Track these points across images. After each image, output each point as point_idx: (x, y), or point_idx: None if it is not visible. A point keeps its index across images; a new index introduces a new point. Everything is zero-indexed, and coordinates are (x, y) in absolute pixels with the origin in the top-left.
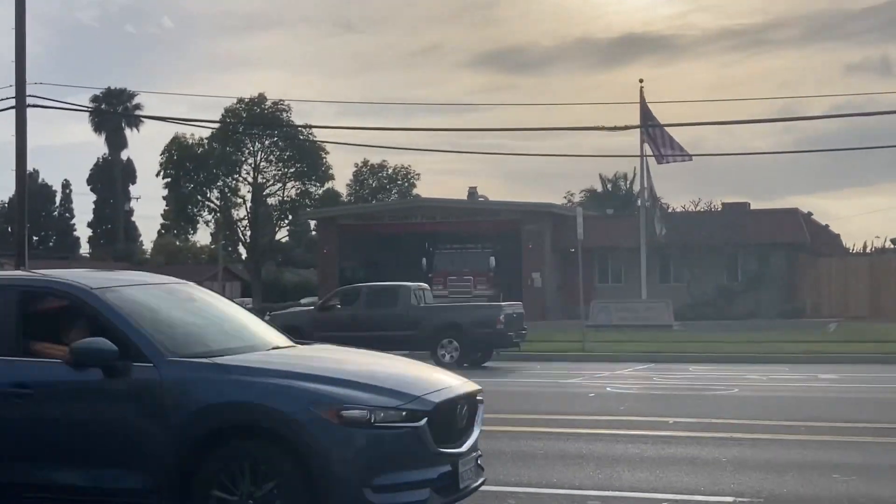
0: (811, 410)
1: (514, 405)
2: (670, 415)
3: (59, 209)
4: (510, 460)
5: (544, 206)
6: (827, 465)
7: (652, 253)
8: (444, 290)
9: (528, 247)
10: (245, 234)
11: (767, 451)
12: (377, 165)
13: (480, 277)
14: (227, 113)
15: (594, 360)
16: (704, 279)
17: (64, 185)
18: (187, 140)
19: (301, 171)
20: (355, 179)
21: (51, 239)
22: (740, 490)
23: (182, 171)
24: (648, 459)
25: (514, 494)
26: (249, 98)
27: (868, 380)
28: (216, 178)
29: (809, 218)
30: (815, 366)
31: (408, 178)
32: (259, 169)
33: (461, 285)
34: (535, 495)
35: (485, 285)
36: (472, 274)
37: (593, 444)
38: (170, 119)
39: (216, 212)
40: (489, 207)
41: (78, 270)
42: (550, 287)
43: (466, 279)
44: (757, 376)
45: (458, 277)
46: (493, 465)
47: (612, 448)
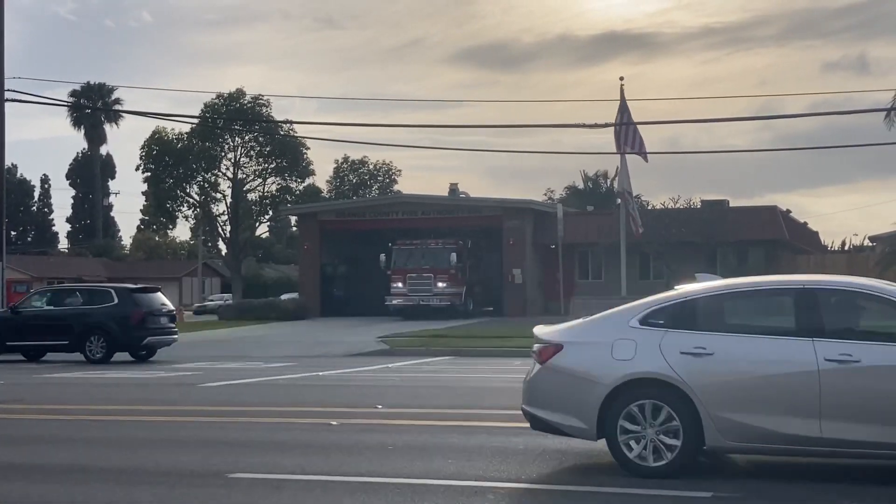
0: None
1: (493, 401)
2: None
3: (38, 204)
4: (490, 455)
5: (525, 202)
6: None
7: (632, 249)
8: (404, 288)
9: (510, 243)
10: (225, 229)
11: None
12: (358, 161)
13: (441, 274)
14: (207, 108)
15: None
16: (684, 276)
17: (43, 179)
18: (167, 135)
19: (281, 166)
20: (336, 175)
21: (29, 234)
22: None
23: (161, 166)
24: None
25: (493, 489)
26: (229, 93)
27: None
28: (196, 173)
29: (788, 215)
30: None
31: (389, 174)
32: (239, 164)
33: (421, 283)
34: (514, 490)
35: (446, 282)
36: (433, 271)
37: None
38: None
39: (196, 207)
40: (470, 204)
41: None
42: (531, 283)
43: (427, 276)
44: None
45: (417, 275)
46: (475, 460)
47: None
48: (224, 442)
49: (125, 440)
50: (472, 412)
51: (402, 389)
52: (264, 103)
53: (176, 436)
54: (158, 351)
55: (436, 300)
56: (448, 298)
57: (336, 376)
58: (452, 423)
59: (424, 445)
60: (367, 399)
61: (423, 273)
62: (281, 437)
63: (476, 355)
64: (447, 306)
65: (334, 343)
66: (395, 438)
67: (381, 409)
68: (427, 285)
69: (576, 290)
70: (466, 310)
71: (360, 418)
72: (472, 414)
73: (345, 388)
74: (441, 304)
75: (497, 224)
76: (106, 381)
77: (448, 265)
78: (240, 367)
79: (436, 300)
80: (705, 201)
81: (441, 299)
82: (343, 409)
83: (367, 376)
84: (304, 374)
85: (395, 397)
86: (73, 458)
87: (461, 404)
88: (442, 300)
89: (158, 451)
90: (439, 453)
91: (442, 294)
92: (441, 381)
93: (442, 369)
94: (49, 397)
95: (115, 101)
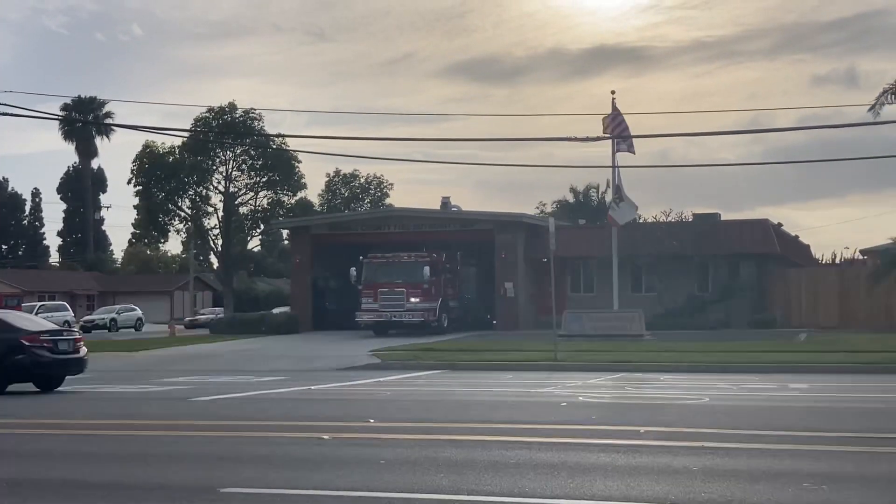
0: (781, 419)
1: (486, 415)
2: (642, 424)
3: (29, 218)
4: (483, 469)
5: (517, 216)
6: (797, 473)
7: (623, 263)
8: (375, 304)
9: (502, 256)
10: (217, 243)
11: (738, 459)
12: (349, 175)
13: (414, 290)
14: (197, 122)
15: (566, 370)
16: (675, 289)
17: (34, 193)
18: (158, 149)
19: (273, 180)
20: (328, 189)
21: (20, 248)
22: (711, 498)
23: (153, 179)
24: (620, 468)
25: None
26: (220, 107)
27: (838, 389)
28: (187, 186)
29: (779, 229)
30: (786, 375)
31: (380, 187)
32: (231, 178)
33: (393, 298)
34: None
35: (419, 297)
36: (406, 286)
37: (565, 453)
38: (141, 128)
39: (187, 221)
40: (462, 217)
41: None
42: (523, 297)
43: (399, 291)
44: (727, 385)
45: (389, 290)
46: (466, 474)
47: (584, 457)
48: (216, 456)
49: (117, 455)
50: (465, 426)
51: (395, 403)
52: (256, 117)
53: (167, 450)
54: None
55: (408, 316)
56: (420, 314)
57: (328, 390)
58: (445, 436)
59: (417, 459)
60: (359, 413)
61: (394, 288)
62: (273, 451)
63: (468, 369)
64: (420, 322)
65: (326, 357)
66: (387, 452)
67: (374, 423)
68: (399, 301)
69: (568, 303)
70: (441, 326)
71: (352, 432)
72: (465, 428)
73: (336, 402)
74: (413, 320)
75: (489, 238)
76: (99, 395)
77: (421, 280)
78: (231, 381)
79: (408, 316)
80: (697, 215)
81: (413, 315)
82: (335, 423)
83: (358, 390)
84: (296, 388)
85: (388, 411)
86: (65, 472)
87: (454, 418)
88: (414, 316)
89: (150, 466)
90: (432, 467)
91: (414, 310)
92: (433, 395)
93: (434, 383)
94: (43, 412)
95: (107, 114)
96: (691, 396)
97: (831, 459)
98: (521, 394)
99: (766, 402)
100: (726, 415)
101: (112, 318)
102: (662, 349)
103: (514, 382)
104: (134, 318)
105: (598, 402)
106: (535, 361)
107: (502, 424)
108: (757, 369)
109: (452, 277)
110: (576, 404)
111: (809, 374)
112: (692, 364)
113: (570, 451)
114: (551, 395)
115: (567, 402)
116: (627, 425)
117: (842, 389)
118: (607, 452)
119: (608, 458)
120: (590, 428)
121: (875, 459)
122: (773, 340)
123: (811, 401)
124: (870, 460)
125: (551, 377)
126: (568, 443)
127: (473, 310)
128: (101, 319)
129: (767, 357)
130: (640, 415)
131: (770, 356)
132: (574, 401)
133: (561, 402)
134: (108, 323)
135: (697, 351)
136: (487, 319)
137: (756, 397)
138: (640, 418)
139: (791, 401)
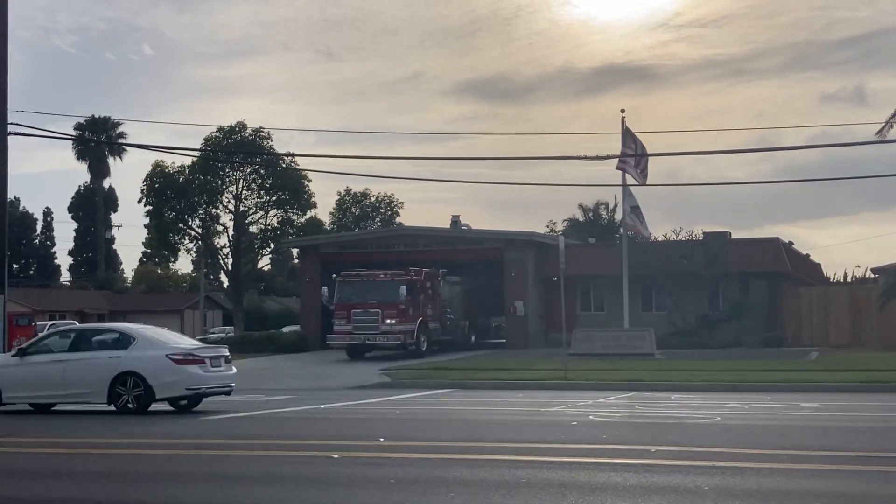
0: (793, 439)
1: (497, 433)
2: (652, 443)
3: (40, 237)
4: (492, 489)
5: (527, 234)
6: (809, 493)
7: (634, 281)
8: (348, 325)
9: (511, 275)
10: (227, 262)
11: (749, 479)
12: (360, 194)
13: (390, 310)
14: (207, 142)
15: (577, 389)
16: (686, 308)
17: (45, 212)
18: (169, 168)
19: (283, 199)
20: (338, 208)
21: (31, 267)
22: None
23: (163, 199)
24: (631, 488)
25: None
26: (229, 126)
27: (849, 408)
28: (198, 206)
29: (790, 247)
30: (797, 394)
31: (391, 206)
32: (241, 197)
33: (367, 319)
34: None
35: (395, 318)
36: (381, 306)
37: (576, 472)
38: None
39: (198, 240)
40: (472, 236)
41: None
42: (533, 315)
43: (374, 312)
44: (739, 405)
45: (363, 310)
46: (476, 493)
47: (594, 476)
48: (225, 476)
49: (125, 474)
50: (475, 445)
51: (404, 422)
52: (266, 136)
53: (176, 469)
54: None
55: (382, 339)
56: (397, 336)
57: (338, 409)
58: (455, 455)
59: (427, 479)
60: (369, 432)
61: (369, 308)
62: (282, 470)
63: (479, 388)
64: (397, 345)
65: (336, 375)
66: (397, 472)
67: (383, 441)
68: (373, 322)
69: (578, 322)
70: (419, 349)
71: (361, 451)
72: (475, 447)
73: (346, 421)
74: (389, 342)
75: (498, 256)
76: (103, 414)
77: (397, 300)
78: (241, 400)
79: (382, 339)
80: (707, 233)
81: (388, 338)
82: (345, 441)
83: (368, 409)
84: (306, 407)
85: (398, 430)
86: (73, 492)
87: (464, 437)
88: (389, 339)
89: (158, 485)
90: (442, 486)
91: (390, 332)
92: (443, 414)
93: (444, 402)
94: (48, 430)
95: (120, 134)
96: (702, 415)
97: (843, 479)
98: (531, 412)
99: (777, 421)
100: (738, 434)
101: None
102: (673, 368)
103: (525, 401)
104: None
105: (608, 421)
106: (546, 380)
107: (512, 443)
108: (768, 388)
109: (432, 297)
110: (586, 423)
111: (821, 394)
112: (703, 383)
113: (580, 471)
114: (562, 414)
115: (577, 420)
116: (638, 444)
117: (854, 409)
118: (618, 472)
119: (619, 478)
120: (600, 447)
121: (888, 479)
122: (783, 359)
123: (823, 420)
124: (883, 480)
125: (562, 396)
126: (578, 462)
127: (459, 330)
128: None
129: (778, 376)
130: (650, 434)
131: (781, 375)
132: (585, 420)
133: (571, 421)
134: None
135: (708, 370)
136: (473, 341)
137: (767, 416)
138: (651, 437)
139: (803, 420)
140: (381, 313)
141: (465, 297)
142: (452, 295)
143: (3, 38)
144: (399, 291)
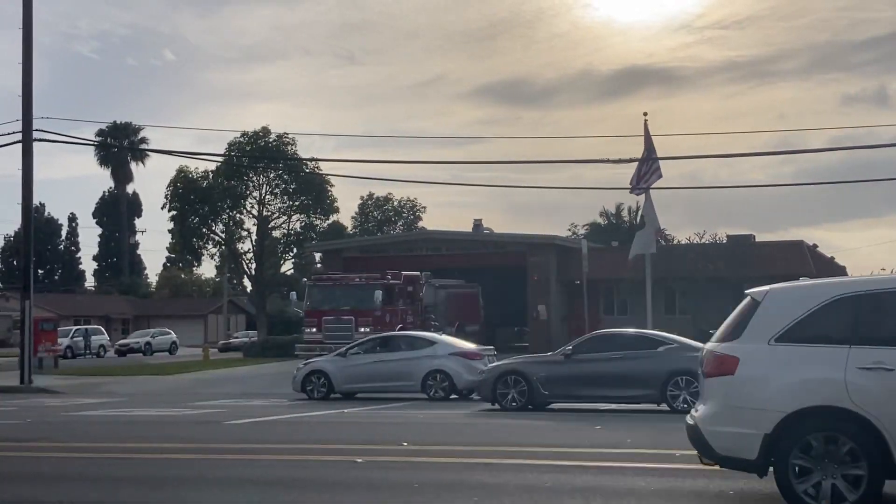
0: None
1: (520, 438)
2: (677, 447)
3: (65, 242)
4: (516, 493)
5: (549, 238)
6: None
7: (657, 285)
8: (319, 334)
9: (534, 279)
10: (250, 266)
11: (773, 483)
12: (382, 198)
13: (364, 317)
14: (231, 146)
15: None
16: (710, 311)
17: (70, 218)
18: (192, 173)
19: (306, 203)
20: (361, 212)
21: (56, 272)
22: None
23: (187, 204)
24: (656, 492)
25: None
26: (253, 131)
27: None
28: (221, 211)
29: (815, 250)
30: None
31: (413, 210)
32: (264, 202)
33: (339, 327)
34: None
35: (370, 326)
36: (354, 313)
37: (600, 476)
38: (175, 153)
39: (221, 245)
40: (494, 240)
41: None
42: (556, 319)
43: (346, 319)
44: None
45: (335, 317)
46: (501, 498)
47: (619, 481)
48: (250, 480)
49: (153, 478)
50: (497, 449)
51: (427, 426)
52: (289, 141)
53: (202, 474)
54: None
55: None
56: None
57: (361, 413)
58: (478, 459)
59: (451, 483)
60: (392, 436)
61: (341, 315)
62: (306, 474)
63: None
64: None
65: None
66: (420, 476)
67: (407, 445)
68: (346, 330)
69: (601, 326)
70: None
71: (385, 455)
72: (497, 451)
73: (370, 425)
74: None
75: (521, 260)
76: (133, 418)
77: (373, 306)
78: (265, 405)
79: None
80: (731, 236)
81: None
82: (368, 445)
83: (392, 413)
84: (329, 412)
85: (421, 434)
86: (101, 496)
87: (486, 441)
88: None
89: (185, 489)
90: (465, 490)
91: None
92: (466, 419)
93: (467, 405)
94: (77, 435)
95: (142, 140)
96: None
97: None
98: (554, 416)
99: None
100: None
101: (147, 341)
102: None
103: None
104: (168, 341)
105: (633, 425)
106: None
107: (536, 448)
108: None
109: (413, 302)
110: (610, 427)
111: None
112: None
113: (604, 475)
114: (585, 418)
115: (601, 424)
116: (663, 448)
117: None
118: (642, 476)
119: (643, 482)
120: (625, 451)
121: None
122: None
123: None
124: None
125: None
126: (602, 466)
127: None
128: (136, 343)
129: None
130: (674, 438)
131: None
132: (608, 424)
133: (595, 426)
134: (142, 347)
135: None
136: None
137: None
138: (675, 442)
139: None
140: (354, 321)
141: (452, 301)
142: (438, 300)
143: (28, 47)
144: (374, 297)
